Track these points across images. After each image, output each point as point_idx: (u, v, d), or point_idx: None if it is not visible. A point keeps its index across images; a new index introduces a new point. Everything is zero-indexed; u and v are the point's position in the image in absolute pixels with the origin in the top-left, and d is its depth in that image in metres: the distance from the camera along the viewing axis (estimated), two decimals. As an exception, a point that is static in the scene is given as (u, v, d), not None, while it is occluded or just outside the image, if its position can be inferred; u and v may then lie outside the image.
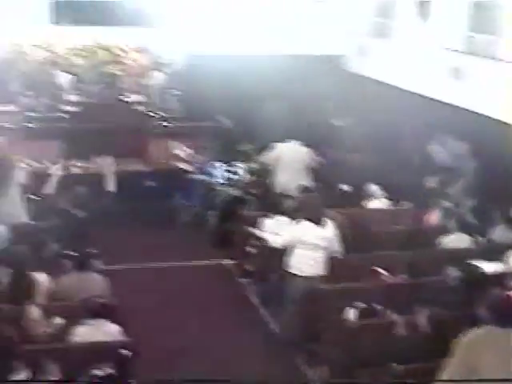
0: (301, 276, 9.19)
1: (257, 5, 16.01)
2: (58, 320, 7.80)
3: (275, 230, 10.24)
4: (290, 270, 9.30)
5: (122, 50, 16.44)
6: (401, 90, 14.37)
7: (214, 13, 15.80)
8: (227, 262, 11.82)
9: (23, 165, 10.72)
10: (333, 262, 9.35)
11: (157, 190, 12.95)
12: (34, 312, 7.66)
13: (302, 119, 14.69)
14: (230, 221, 12.03)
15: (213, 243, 12.34)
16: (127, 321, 7.84)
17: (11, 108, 14.43)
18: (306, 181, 12.08)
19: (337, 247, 9.49)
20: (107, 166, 10.09)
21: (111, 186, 10.01)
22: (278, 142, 12.78)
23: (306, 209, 9.45)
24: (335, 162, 13.38)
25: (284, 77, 15.22)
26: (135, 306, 9.46)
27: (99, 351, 7.09)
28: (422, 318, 7.96)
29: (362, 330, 8.11)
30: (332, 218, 9.55)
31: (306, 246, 9.18)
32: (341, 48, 16.79)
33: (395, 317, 8.09)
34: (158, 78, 16.08)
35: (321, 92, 15.42)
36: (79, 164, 12.85)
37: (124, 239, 11.82)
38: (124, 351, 6.70)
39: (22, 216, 10.61)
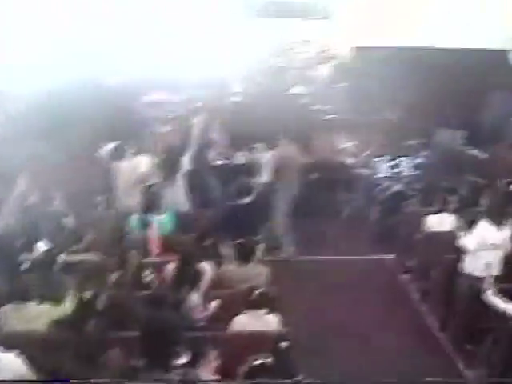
0: (473, 276, 8.88)
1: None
2: (215, 303, 7.93)
3: (438, 227, 10.06)
4: (463, 270, 9.03)
5: (288, 42, 16.48)
6: None
7: (381, 4, 15.54)
8: (388, 257, 11.68)
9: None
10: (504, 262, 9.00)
11: (320, 183, 12.92)
12: (194, 298, 7.80)
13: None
14: (393, 216, 11.87)
15: (374, 238, 12.21)
16: (286, 311, 7.87)
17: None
18: None
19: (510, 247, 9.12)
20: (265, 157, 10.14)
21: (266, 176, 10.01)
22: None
23: (491, 209, 9.11)
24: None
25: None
26: (294, 296, 9.50)
27: (258, 341, 7.11)
28: None
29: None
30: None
31: (485, 247, 8.87)
32: None
33: None
34: (323, 71, 16.04)
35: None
36: (240, 154, 12.99)
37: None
38: (283, 342, 6.69)
39: (185, 204, 10.84)
